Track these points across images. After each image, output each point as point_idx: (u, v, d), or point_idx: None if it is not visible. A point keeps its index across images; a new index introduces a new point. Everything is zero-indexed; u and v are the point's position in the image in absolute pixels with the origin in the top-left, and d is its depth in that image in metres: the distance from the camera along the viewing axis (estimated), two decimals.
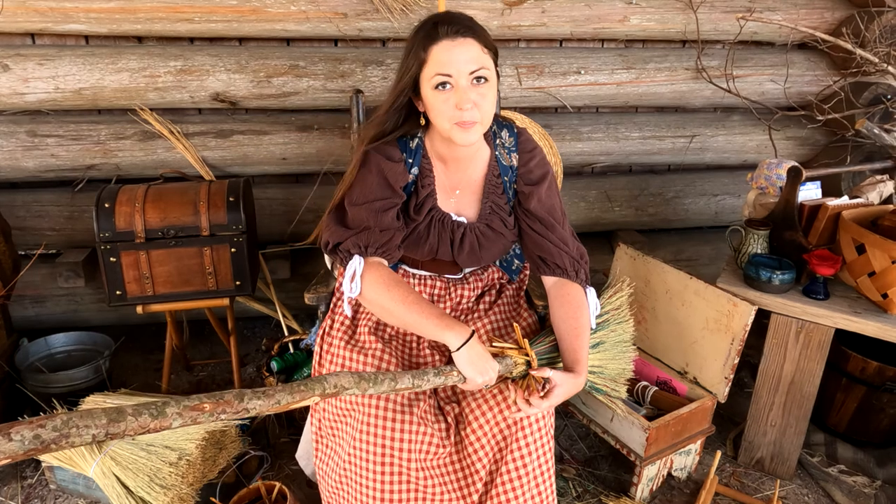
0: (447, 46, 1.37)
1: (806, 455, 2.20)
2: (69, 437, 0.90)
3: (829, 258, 1.98)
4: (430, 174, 1.55)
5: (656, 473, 2.03)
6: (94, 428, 0.93)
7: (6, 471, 2.09)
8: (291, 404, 1.14)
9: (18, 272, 2.30)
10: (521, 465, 1.45)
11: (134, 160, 2.51)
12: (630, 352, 1.76)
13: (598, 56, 2.72)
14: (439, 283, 1.67)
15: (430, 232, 1.55)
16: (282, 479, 1.94)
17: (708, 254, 3.10)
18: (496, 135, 1.58)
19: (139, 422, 0.99)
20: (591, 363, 1.63)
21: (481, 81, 1.39)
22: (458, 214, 1.58)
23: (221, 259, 2.13)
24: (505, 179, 1.58)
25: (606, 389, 1.71)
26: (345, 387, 1.21)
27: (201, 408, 1.04)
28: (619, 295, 1.79)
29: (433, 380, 1.34)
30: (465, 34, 1.37)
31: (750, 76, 2.81)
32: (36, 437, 0.88)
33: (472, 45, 1.38)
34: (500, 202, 1.58)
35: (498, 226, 1.59)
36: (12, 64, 2.32)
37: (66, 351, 2.42)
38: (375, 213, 1.47)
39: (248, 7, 2.35)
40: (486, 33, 1.43)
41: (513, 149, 1.58)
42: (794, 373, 2.04)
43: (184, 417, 1.03)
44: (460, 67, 1.37)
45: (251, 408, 1.08)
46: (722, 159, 3.02)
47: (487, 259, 1.64)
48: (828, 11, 2.77)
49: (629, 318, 1.77)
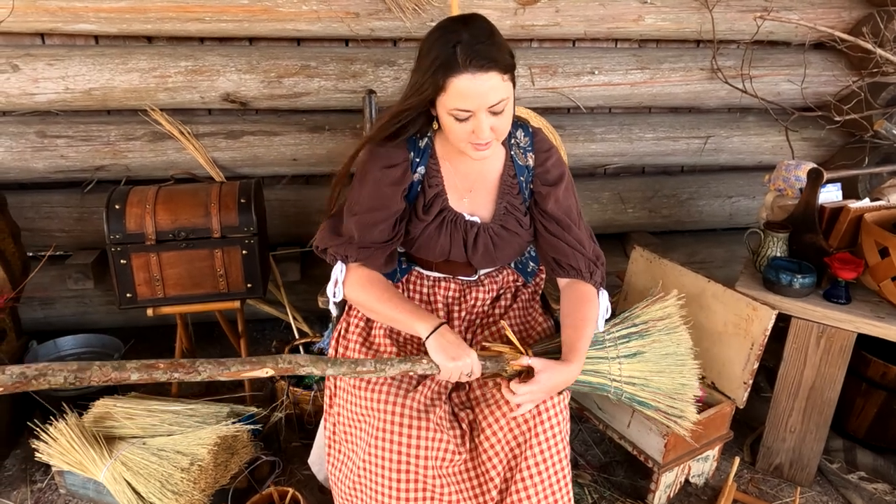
0: (468, 81, 1.29)
1: (825, 461, 2.17)
2: (46, 376, 1.14)
3: (850, 262, 1.94)
4: (438, 174, 1.53)
5: (674, 480, 2.00)
6: (66, 372, 1.16)
7: (16, 475, 2.07)
8: (242, 373, 1.28)
9: (28, 274, 2.29)
10: (537, 473, 1.43)
11: (144, 161, 2.49)
12: (688, 364, 1.64)
13: (611, 56, 2.69)
14: (454, 286, 1.64)
15: (441, 232, 1.52)
16: (294, 485, 1.92)
17: (722, 256, 3.07)
18: (511, 135, 1.55)
19: (102, 371, 1.18)
20: (628, 373, 1.58)
21: (499, 112, 1.35)
22: (472, 214, 1.55)
23: (232, 261, 2.11)
24: (521, 179, 1.55)
25: (658, 405, 1.61)
26: (300, 363, 1.29)
27: (156, 366, 1.22)
28: (663, 305, 1.69)
29: (399, 366, 1.36)
30: (487, 68, 1.29)
31: (766, 76, 2.77)
32: (22, 373, 1.14)
33: (494, 77, 1.30)
34: (515, 202, 1.56)
35: (513, 226, 1.56)
36: (22, 64, 2.30)
37: (75, 353, 2.40)
38: (362, 227, 1.46)
39: (260, 6, 2.32)
40: (505, 51, 1.33)
41: (528, 149, 1.56)
42: (815, 378, 2.00)
43: (140, 372, 1.20)
44: (481, 102, 1.32)
45: (201, 370, 1.24)
46: (737, 160, 2.98)
47: (502, 260, 1.61)
48: (845, 11, 2.73)
49: (679, 328, 1.66)
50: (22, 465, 2.11)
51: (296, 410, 2.24)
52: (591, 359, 1.56)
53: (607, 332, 1.61)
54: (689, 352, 1.66)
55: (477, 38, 1.30)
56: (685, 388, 1.62)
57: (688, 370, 1.64)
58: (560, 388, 1.43)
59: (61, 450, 1.82)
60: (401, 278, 1.65)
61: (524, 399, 1.38)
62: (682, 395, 1.61)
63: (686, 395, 1.62)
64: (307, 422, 2.24)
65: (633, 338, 1.62)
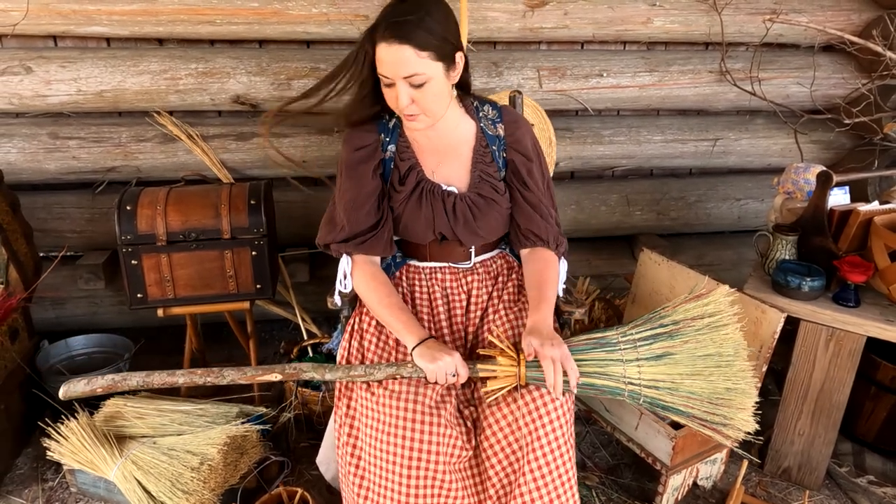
0: (384, 49, 1.40)
1: (834, 465, 2.16)
2: (126, 381, 1.45)
3: (860, 265, 1.94)
4: (409, 149, 1.60)
5: (682, 483, 2.00)
6: (138, 378, 1.45)
7: (27, 473, 2.09)
8: (256, 377, 1.47)
9: (40, 274, 2.31)
10: (540, 476, 1.43)
11: (154, 162, 2.51)
12: (735, 366, 1.48)
13: (620, 58, 2.69)
14: (449, 276, 1.67)
15: (422, 204, 1.58)
16: (302, 485, 1.93)
17: (730, 259, 3.06)
18: (478, 109, 1.62)
19: (160, 378, 1.45)
20: (650, 376, 1.49)
21: (417, 85, 1.42)
22: (448, 184, 1.60)
23: (242, 262, 2.12)
24: (493, 149, 1.61)
25: (692, 410, 1.47)
26: (303, 370, 1.46)
27: (195, 372, 1.46)
28: (703, 302, 1.54)
29: (386, 370, 1.45)
30: (399, 40, 1.37)
31: (775, 79, 2.77)
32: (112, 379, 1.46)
33: (406, 50, 1.38)
34: (489, 170, 1.61)
35: (489, 192, 1.60)
36: (35, 66, 2.32)
37: (86, 353, 2.42)
38: (349, 212, 1.56)
39: (270, 9, 2.34)
40: (431, 32, 1.38)
41: (497, 120, 1.62)
42: (824, 381, 2.00)
43: (186, 377, 1.47)
44: (395, 71, 1.40)
45: (226, 375, 1.46)
46: (745, 163, 2.98)
47: (487, 231, 1.63)
48: (855, 13, 2.72)
49: (727, 326, 1.51)
50: (33, 463, 2.12)
51: (304, 411, 2.25)
52: (600, 360, 1.50)
53: (622, 333, 1.53)
54: (738, 353, 1.50)
55: (404, 12, 1.38)
56: (732, 394, 1.47)
57: (736, 373, 1.48)
58: (554, 337, 1.41)
59: (72, 449, 1.83)
60: (395, 272, 1.69)
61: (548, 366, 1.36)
62: (728, 400, 1.47)
63: (734, 402, 1.47)
64: (316, 422, 2.25)
65: (659, 339, 1.51)
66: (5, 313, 2.08)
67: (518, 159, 1.60)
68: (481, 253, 1.69)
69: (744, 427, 1.47)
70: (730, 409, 1.48)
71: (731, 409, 1.48)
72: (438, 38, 1.40)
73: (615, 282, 2.99)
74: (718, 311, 1.54)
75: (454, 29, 1.46)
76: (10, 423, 2.10)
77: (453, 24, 1.46)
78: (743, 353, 1.51)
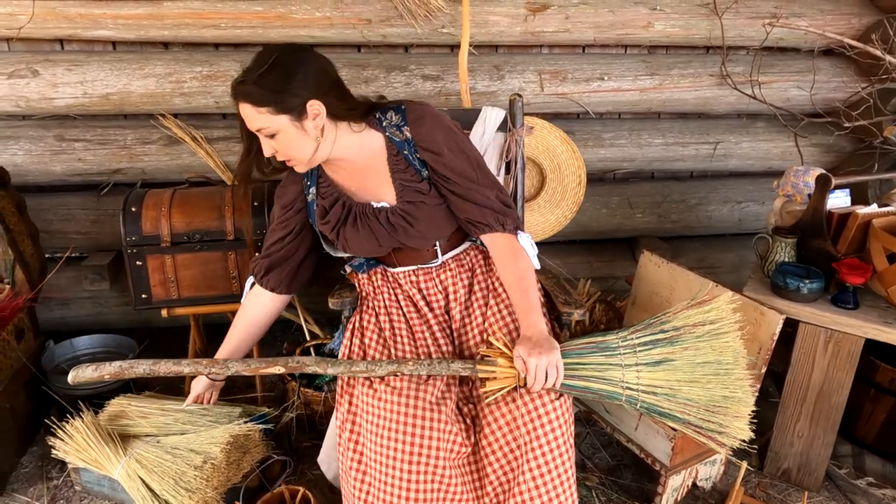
0: (239, 107, 1.47)
1: (833, 466, 2.17)
2: (133, 368, 1.56)
3: (858, 267, 1.95)
4: (329, 185, 1.66)
5: (681, 483, 2.01)
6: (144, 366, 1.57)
7: (32, 472, 2.11)
8: (259, 370, 1.55)
9: (46, 275, 2.33)
10: (539, 475, 1.45)
11: (159, 165, 2.53)
12: (734, 375, 1.50)
13: (621, 62, 2.71)
14: (422, 277, 1.70)
15: (357, 226, 1.62)
16: (304, 484, 1.94)
17: (731, 261, 3.07)
18: (381, 120, 1.60)
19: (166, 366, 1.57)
20: (648, 382, 1.50)
21: (270, 136, 1.47)
22: (379, 201, 1.63)
23: (246, 263, 2.14)
24: (406, 154, 1.59)
25: (688, 417, 1.49)
26: (306, 363, 1.53)
27: (200, 362, 1.57)
28: (705, 309, 1.55)
29: (387, 367, 1.50)
30: (237, 99, 1.45)
31: (775, 82, 2.78)
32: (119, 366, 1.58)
33: (246, 108, 1.45)
34: (407, 176, 1.60)
35: (415, 198, 1.60)
36: (41, 69, 2.35)
37: (90, 353, 2.44)
38: (269, 236, 1.74)
39: (274, 13, 2.36)
40: (265, 87, 1.42)
41: (402, 124, 1.59)
42: (823, 383, 2.01)
43: (191, 367, 1.58)
44: (249, 125, 1.49)
45: (230, 367, 1.55)
46: (746, 166, 2.99)
47: (432, 231, 1.64)
48: (855, 17, 2.74)
49: (728, 334, 1.52)
50: (39, 462, 2.15)
51: (307, 411, 2.27)
52: (600, 365, 1.52)
53: (622, 338, 1.55)
54: (737, 361, 1.50)
55: (246, 72, 1.45)
56: (728, 402, 1.47)
57: (734, 381, 1.48)
58: (544, 345, 1.43)
59: (77, 447, 1.85)
60: (367, 270, 1.77)
61: (531, 371, 1.40)
62: (723, 408, 1.48)
63: (730, 410, 1.47)
64: (318, 422, 2.27)
65: (658, 344, 1.53)
66: (11, 313, 2.10)
67: (429, 157, 1.58)
68: (449, 249, 1.72)
69: (739, 435, 1.49)
70: (726, 416, 1.49)
71: (727, 417, 1.49)
72: (275, 93, 1.42)
73: (616, 284, 3.00)
74: (720, 319, 1.55)
75: (304, 81, 1.44)
76: (15, 422, 2.12)
77: (303, 76, 1.44)
78: (742, 362, 1.52)
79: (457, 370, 1.50)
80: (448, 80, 2.56)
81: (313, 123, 1.48)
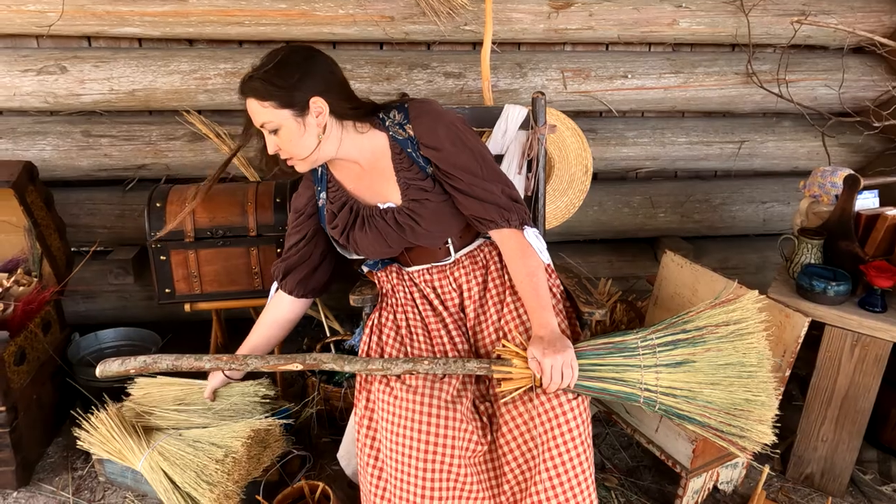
0: (246, 103, 1.51)
1: (858, 472, 2.13)
2: (157, 363, 1.61)
3: (887, 269, 1.91)
4: (338, 189, 1.67)
5: (702, 486, 1.99)
6: (168, 360, 1.62)
7: (57, 462, 2.14)
8: (278, 366, 1.57)
9: (72, 269, 2.36)
10: (556, 475, 1.44)
11: (183, 161, 2.56)
12: (757, 378, 1.45)
13: (645, 60, 2.68)
14: (436, 275, 1.70)
15: (366, 228, 1.63)
16: (323, 479, 1.95)
17: (755, 262, 3.03)
18: (384, 119, 1.59)
19: (187, 361, 1.61)
20: (668, 384, 1.47)
21: (273, 131, 1.50)
22: (385, 202, 1.63)
23: (268, 259, 2.16)
24: (409, 152, 1.58)
25: (707, 420, 1.45)
26: (323, 360, 1.54)
27: (221, 358, 1.59)
28: (729, 308, 1.51)
29: (403, 365, 1.50)
30: (243, 94, 1.49)
31: (802, 81, 2.74)
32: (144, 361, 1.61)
33: (251, 103, 1.48)
34: (411, 174, 1.59)
35: (420, 195, 1.59)
36: (69, 66, 2.38)
37: (115, 346, 2.47)
38: (286, 241, 1.78)
39: (297, 10, 2.37)
40: (270, 82, 1.44)
41: (404, 122, 1.59)
42: (849, 387, 1.98)
43: (212, 363, 1.60)
44: (254, 120, 1.52)
45: (249, 363, 1.58)
46: (771, 166, 2.95)
47: (442, 230, 1.64)
48: (886, 14, 2.68)
49: (753, 335, 1.47)
50: (63, 452, 2.18)
51: (326, 407, 2.28)
52: (618, 366, 1.49)
53: (642, 338, 1.51)
54: (761, 363, 1.45)
55: (254, 69, 1.48)
56: (750, 405, 1.43)
57: (757, 384, 1.44)
58: (557, 344, 1.42)
59: (101, 439, 1.87)
60: (381, 267, 1.78)
61: (546, 372, 1.40)
62: (745, 411, 1.43)
63: (753, 413, 1.43)
64: (338, 418, 2.28)
65: (679, 345, 1.49)
66: (39, 306, 2.13)
67: (431, 153, 1.56)
68: (462, 246, 1.71)
69: (761, 439, 1.45)
70: (748, 420, 1.45)
71: (749, 420, 1.45)
72: (280, 88, 1.45)
73: (637, 284, 2.98)
74: (745, 318, 1.50)
75: (309, 78, 1.47)
76: (41, 413, 2.15)
77: (308, 74, 1.47)
78: (767, 364, 1.47)
79: (472, 370, 1.49)
80: (470, 78, 2.55)
81: (316, 120, 1.49)
